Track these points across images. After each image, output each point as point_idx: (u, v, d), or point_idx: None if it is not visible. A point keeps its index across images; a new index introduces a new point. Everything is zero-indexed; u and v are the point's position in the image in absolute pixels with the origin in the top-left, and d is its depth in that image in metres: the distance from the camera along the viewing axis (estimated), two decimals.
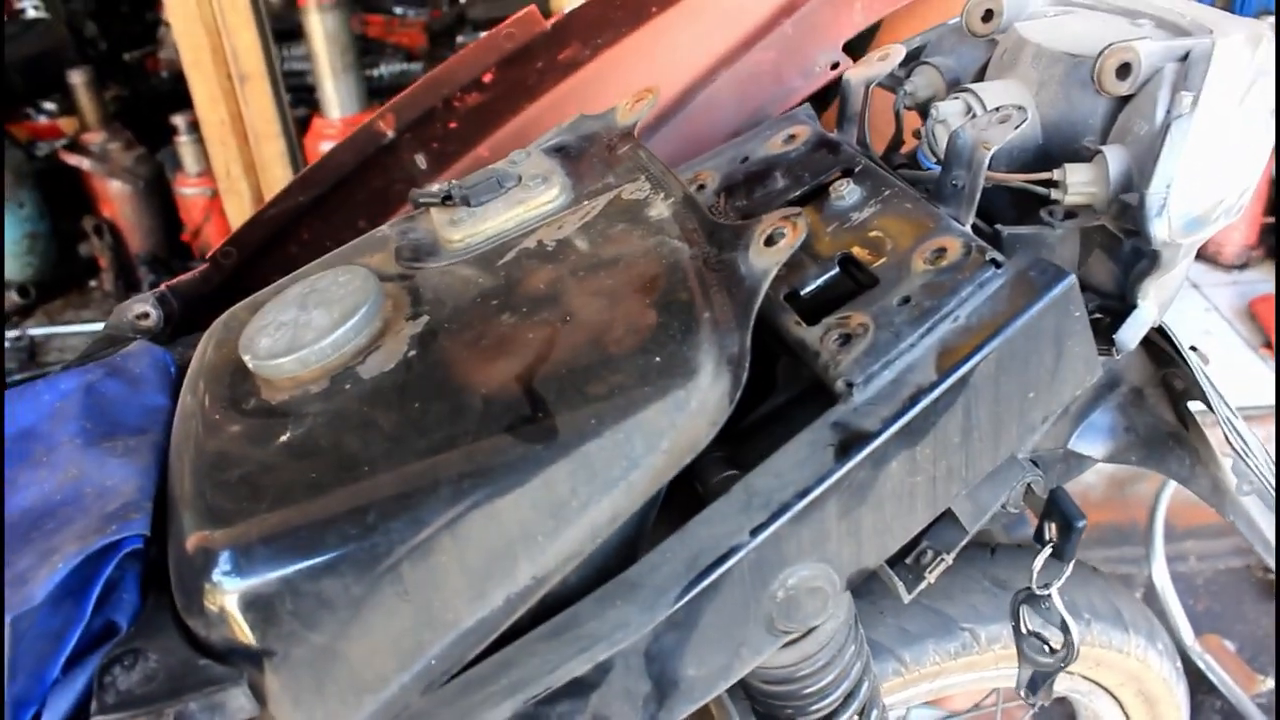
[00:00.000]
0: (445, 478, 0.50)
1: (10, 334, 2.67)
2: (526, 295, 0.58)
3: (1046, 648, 0.67)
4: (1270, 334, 2.29)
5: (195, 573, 0.52)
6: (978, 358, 0.53)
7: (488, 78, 0.83)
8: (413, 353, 0.57)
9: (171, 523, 0.56)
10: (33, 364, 2.59)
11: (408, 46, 3.50)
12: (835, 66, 0.85)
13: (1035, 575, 0.64)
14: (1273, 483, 0.65)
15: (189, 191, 2.70)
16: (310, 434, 0.55)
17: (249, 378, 0.60)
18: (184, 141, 2.62)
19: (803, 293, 0.62)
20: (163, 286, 0.80)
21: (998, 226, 0.64)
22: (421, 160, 0.85)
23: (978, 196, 0.60)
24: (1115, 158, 0.59)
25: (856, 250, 0.62)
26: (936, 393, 0.53)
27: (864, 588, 0.90)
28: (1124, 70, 0.59)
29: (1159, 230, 0.56)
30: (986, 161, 0.59)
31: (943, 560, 0.60)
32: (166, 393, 0.69)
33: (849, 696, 0.68)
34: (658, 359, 0.51)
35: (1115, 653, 0.99)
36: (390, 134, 0.81)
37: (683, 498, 0.58)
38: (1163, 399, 0.69)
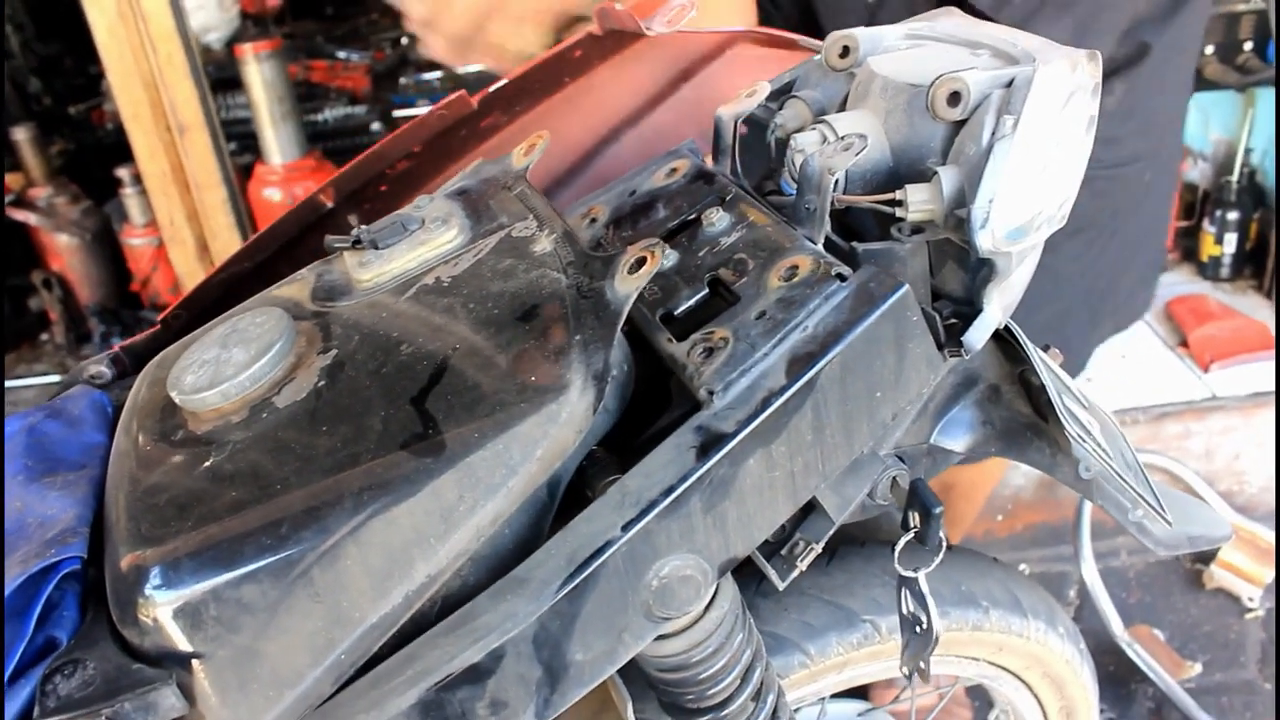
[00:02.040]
0: (348, 491, 0.56)
1: None
2: (423, 327, 0.65)
3: (917, 628, 0.73)
4: (1186, 333, 2.40)
5: (129, 588, 0.57)
6: (822, 362, 0.60)
7: (417, 148, 0.91)
8: (322, 383, 0.64)
9: (108, 546, 0.62)
10: None
11: (351, 90, 3.56)
12: None
13: (898, 558, 0.71)
14: (1111, 463, 0.72)
15: (136, 242, 2.74)
16: (231, 459, 0.61)
17: (177, 412, 0.66)
18: (129, 193, 2.65)
19: (676, 313, 0.69)
20: (115, 348, 0.86)
21: (853, 244, 0.71)
22: (354, 220, 0.91)
23: (827, 217, 0.67)
24: (948, 177, 0.66)
25: (723, 271, 0.69)
26: (786, 395, 0.59)
27: (769, 587, 0.97)
28: (954, 98, 0.67)
29: (984, 241, 0.63)
30: (832, 185, 0.66)
31: (812, 549, 0.67)
32: (104, 430, 0.75)
33: (743, 681, 0.74)
34: (533, 378, 0.57)
35: (1015, 637, 1.05)
36: (330, 205, 0.88)
37: (581, 510, 0.64)
38: (1019, 394, 0.77)
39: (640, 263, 0.61)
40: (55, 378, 2.74)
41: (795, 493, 0.63)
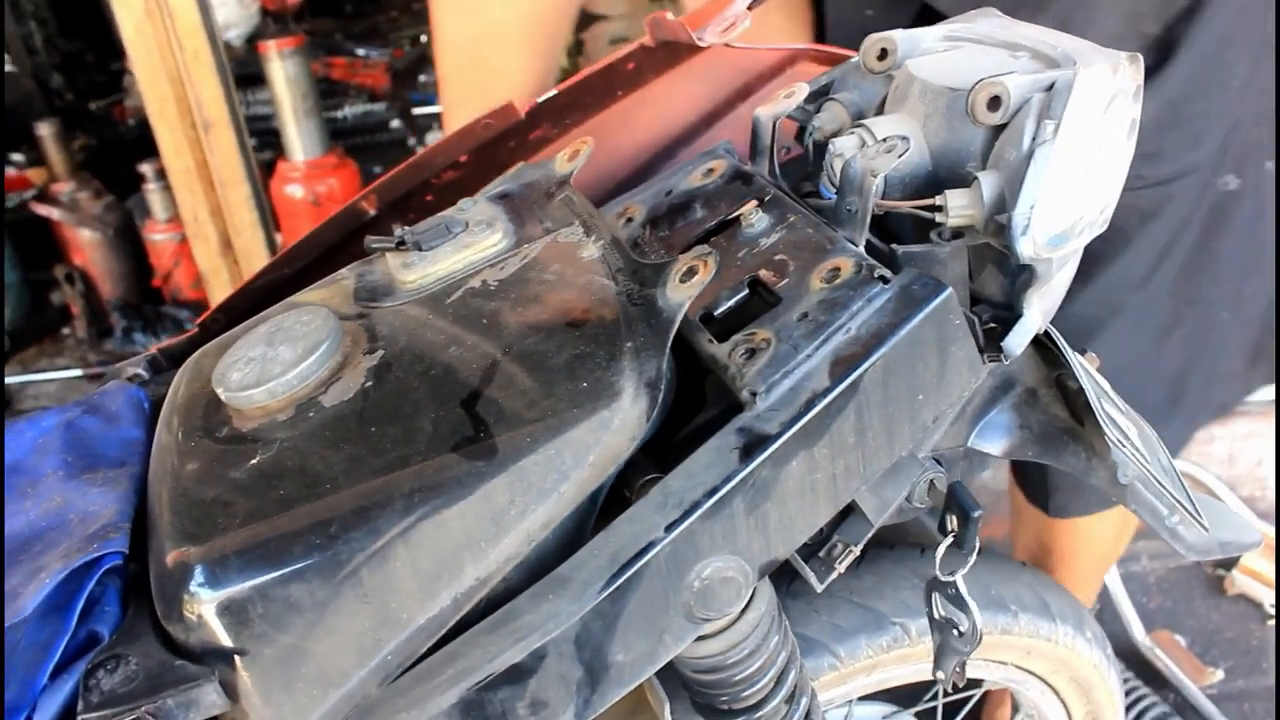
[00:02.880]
0: (399, 492, 0.56)
1: None
2: (471, 329, 0.65)
3: (956, 632, 0.73)
4: None
5: (175, 584, 0.57)
6: (866, 364, 0.60)
7: (464, 158, 0.91)
8: (369, 383, 0.64)
9: (152, 541, 0.62)
10: (8, 412, 2.62)
11: (371, 87, 3.57)
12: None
13: (938, 563, 0.71)
14: (1149, 467, 0.72)
15: (158, 237, 2.76)
16: (278, 457, 0.61)
17: (221, 409, 0.66)
18: (152, 189, 2.67)
19: (716, 313, 0.69)
20: (153, 349, 0.86)
21: (893, 246, 0.71)
22: (398, 228, 0.91)
23: (869, 219, 0.67)
24: (989, 182, 0.66)
25: (763, 273, 0.69)
26: (830, 397, 0.59)
27: (798, 588, 0.97)
28: (994, 103, 0.67)
29: (1025, 248, 0.63)
30: (874, 187, 0.66)
31: (851, 551, 0.67)
32: (142, 427, 0.75)
33: (777, 683, 0.74)
34: (585, 384, 0.58)
35: (1044, 641, 1.05)
36: (372, 213, 0.88)
37: (618, 510, 0.64)
38: (1056, 398, 0.76)
39: (692, 272, 0.61)
40: (77, 372, 2.77)
41: (836, 495, 0.63)
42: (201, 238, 2.15)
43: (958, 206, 0.67)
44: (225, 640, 0.56)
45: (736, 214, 0.76)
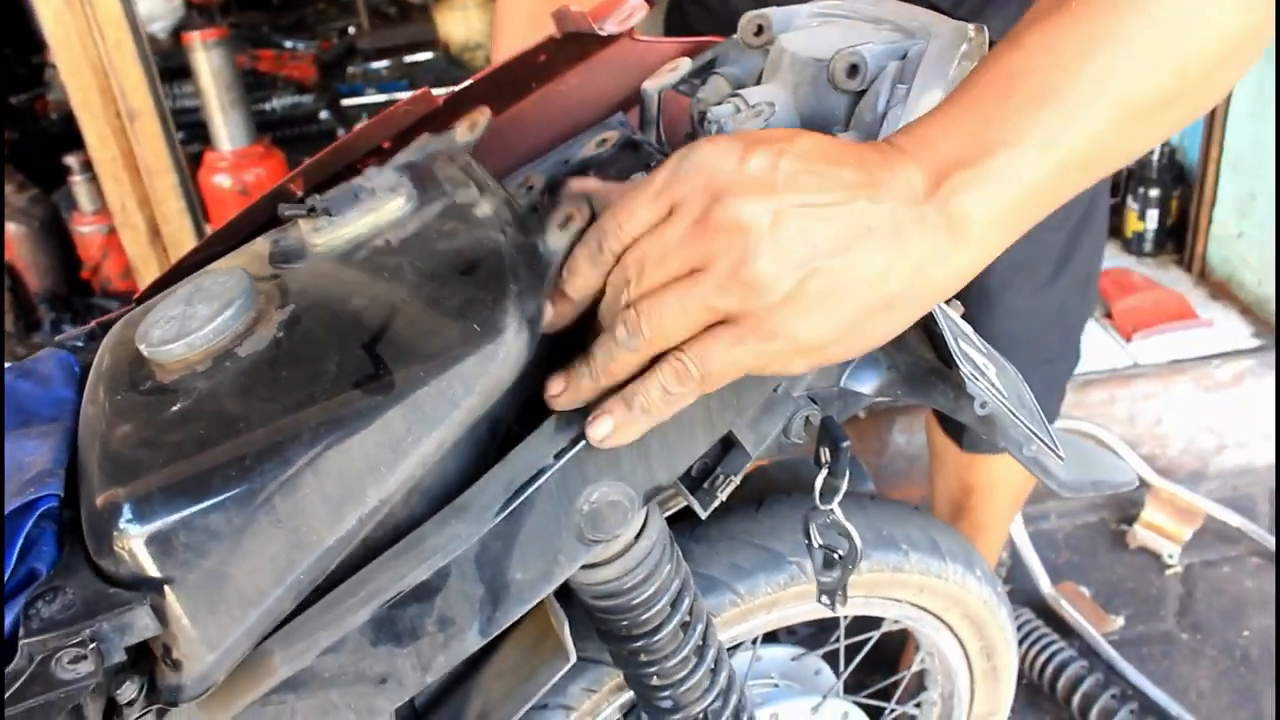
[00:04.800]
0: (306, 427, 0.62)
1: None
2: (374, 281, 0.71)
3: (836, 555, 0.80)
4: (1110, 304, 2.51)
5: (105, 523, 0.62)
6: None
7: (386, 144, 0.95)
8: (280, 334, 0.69)
9: (83, 488, 0.67)
10: None
11: (299, 79, 3.58)
12: None
13: (817, 493, 0.78)
14: (1005, 402, 0.80)
15: (86, 229, 2.75)
16: (196, 404, 0.66)
17: (144, 364, 0.71)
18: (78, 181, 2.66)
19: None
20: (93, 323, 0.90)
21: None
22: (311, 200, 0.96)
23: None
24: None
25: None
26: None
27: (701, 533, 1.04)
28: (853, 71, 0.74)
29: None
30: None
31: (731, 481, 0.74)
32: (72, 387, 0.79)
33: (673, 608, 0.81)
34: (474, 324, 0.64)
35: (935, 579, 1.13)
36: (299, 194, 0.93)
37: None
38: (923, 341, 0.84)
39: (569, 219, 0.67)
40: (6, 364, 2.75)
41: (713, 426, 0.70)
42: (130, 227, 2.16)
43: None
44: (153, 570, 0.61)
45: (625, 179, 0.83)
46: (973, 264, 0.63)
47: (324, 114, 3.52)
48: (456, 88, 0.97)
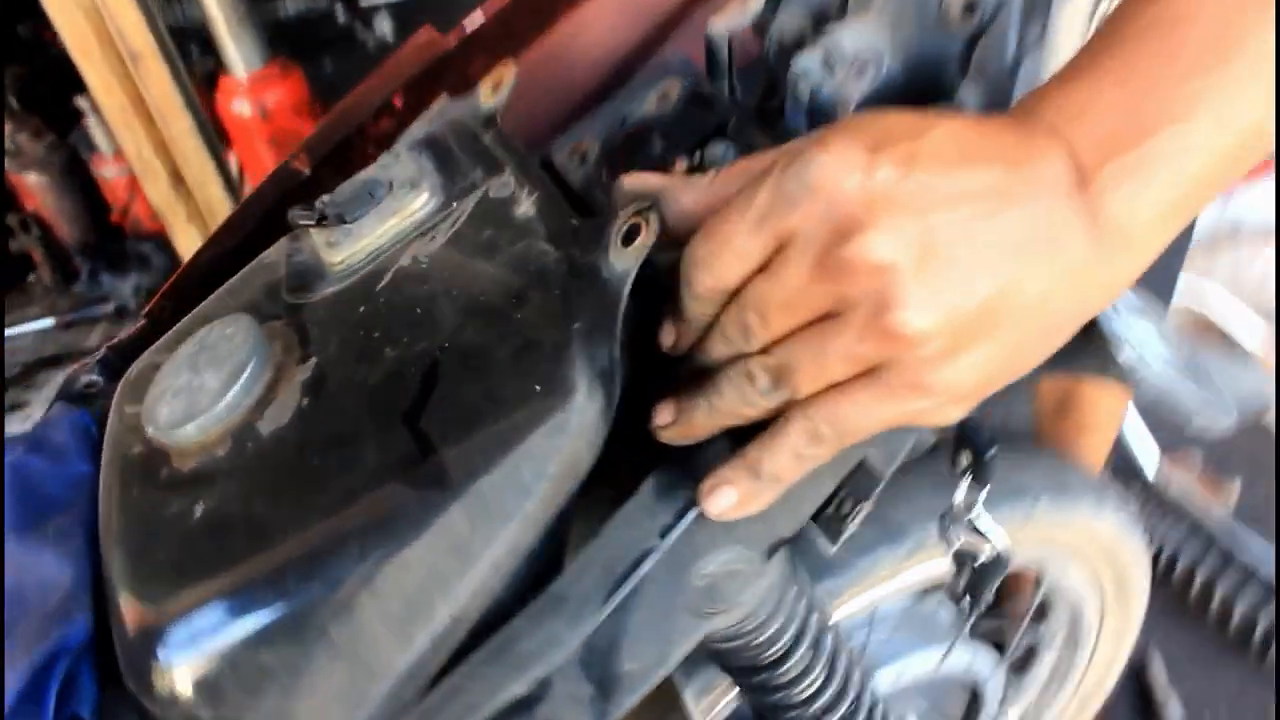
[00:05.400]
0: (352, 534, 0.51)
1: None
2: (405, 323, 0.59)
3: (976, 562, 0.69)
4: None
5: (140, 657, 0.53)
6: None
7: (397, 101, 0.81)
8: (305, 401, 0.58)
9: (111, 604, 0.57)
10: None
11: None
12: None
13: (955, 499, 0.66)
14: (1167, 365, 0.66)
15: (108, 172, 2.63)
16: (224, 503, 0.56)
17: (158, 448, 0.61)
18: (93, 123, 2.53)
19: None
20: (104, 349, 0.80)
21: None
22: (321, 201, 0.84)
23: None
24: (970, 95, 0.58)
25: None
26: None
27: None
28: (969, 9, 0.58)
29: None
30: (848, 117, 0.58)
31: (862, 508, 0.62)
32: (87, 458, 0.70)
33: (797, 638, 0.71)
34: (534, 381, 0.52)
35: (1064, 522, 1.03)
36: (306, 172, 0.80)
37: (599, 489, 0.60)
38: None
39: (633, 231, 0.54)
40: (49, 321, 2.69)
41: (837, 466, 0.58)
42: (150, 175, 2.04)
43: None
44: (204, 713, 0.52)
45: (699, 147, 0.69)
46: (1133, 270, 0.49)
47: (341, 15, 3.30)
48: (466, 29, 0.82)
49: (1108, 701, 1.36)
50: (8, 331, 2.70)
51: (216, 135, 2.12)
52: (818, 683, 0.77)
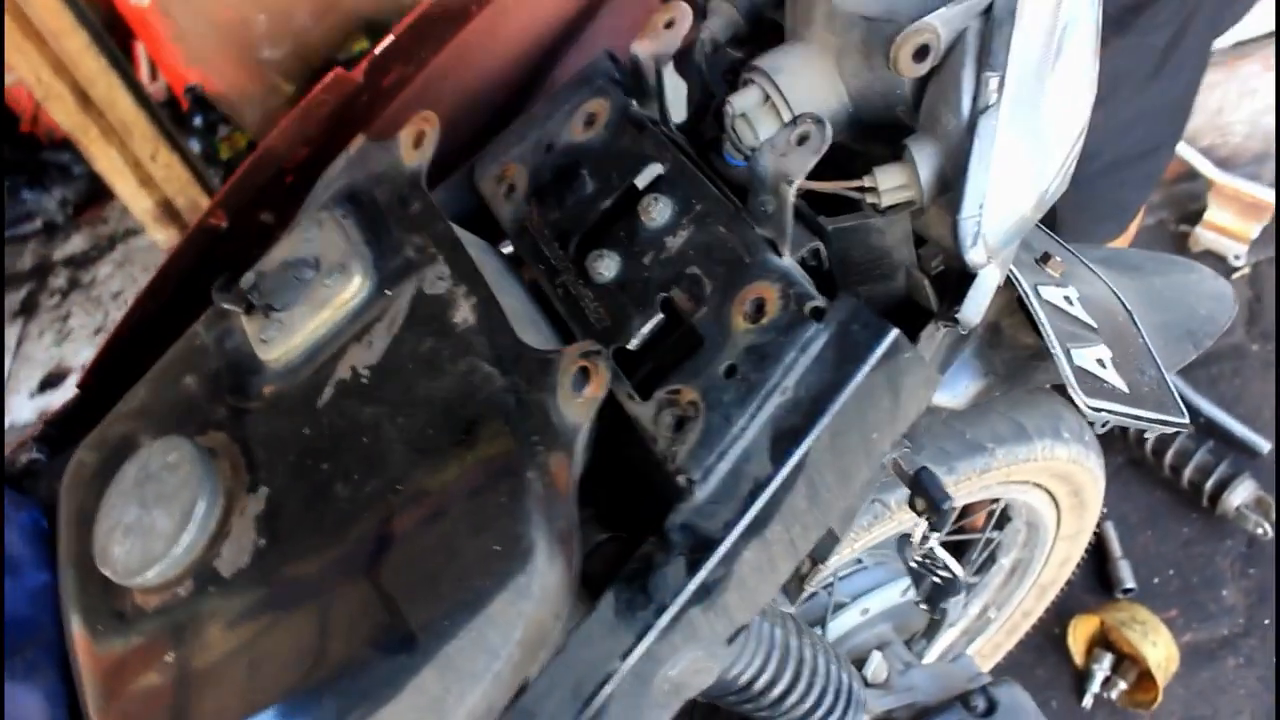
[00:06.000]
0: (326, 696, 0.52)
1: None
2: (353, 456, 0.57)
3: (935, 579, 0.71)
4: None
5: None
6: (809, 439, 0.53)
7: (313, 134, 0.76)
8: (262, 541, 0.57)
9: None
10: None
11: None
12: None
13: (914, 539, 0.67)
14: (1121, 404, 0.66)
15: (8, 79, 2.46)
16: (192, 653, 0.56)
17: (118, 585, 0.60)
18: None
19: (630, 346, 0.60)
20: (41, 425, 0.78)
21: (822, 220, 0.61)
22: (269, 217, 0.79)
23: (790, 229, 0.57)
24: (925, 158, 0.54)
25: (676, 294, 0.60)
26: (775, 484, 0.53)
27: None
28: (921, 53, 0.54)
29: (976, 257, 0.53)
30: (792, 196, 0.55)
31: (819, 569, 0.63)
32: (44, 563, 0.69)
33: (796, 676, 0.73)
34: (492, 540, 0.51)
35: (1022, 463, 1.04)
36: (224, 225, 0.75)
37: None
38: (1021, 323, 0.69)
39: (584, 375, 0.52)
40: None
41: (796, 554, 0.58)
42: (54, 98, 1.90)
43: (891, 187, 0.56)
44: None
45: (630, 186, 0.65)
46: None
47: None
48: (377, 49, 0.76)
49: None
50: None
51: (118, 47, 1.97)
52: (785, 686, 0.80)
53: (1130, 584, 1.60)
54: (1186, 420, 0.71)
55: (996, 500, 1.23)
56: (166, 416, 0.66)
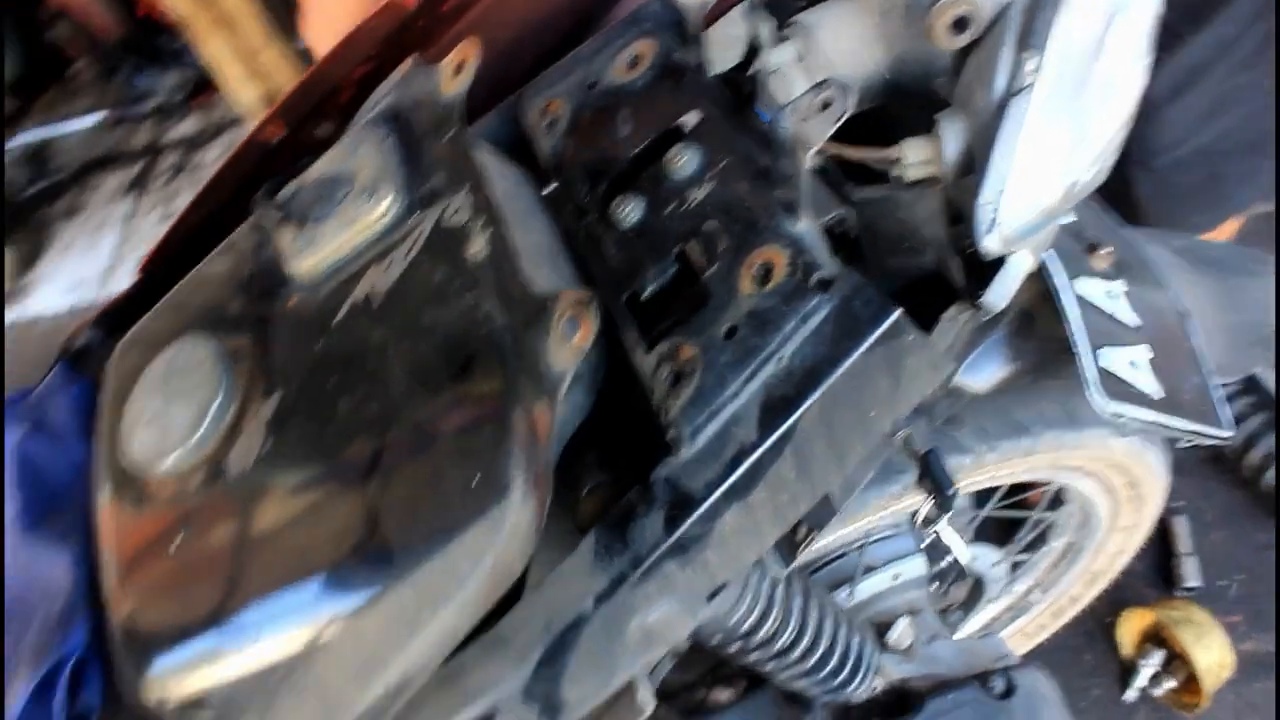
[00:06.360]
0: (309, 598, 0.55)
1: (11, 144, 2.68)
2: (358, 376, 0.59)
3: (940, 562, 0.70)
4: None
5: (128, 672, 0.59)
6: (798, 411, 0.52)
7: (373, 52, 0.77)
8: (268, 445, 0.59)
9: (106, 623, 0.62)
10: (43, 175, 2.61)
11: None
12: None
13: (920, 517, 0.66)
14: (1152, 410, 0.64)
15: None
16: (197, 536, 0.60)
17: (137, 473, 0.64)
18: None
19: (643, 296, 0.60)
20: (98, 312, 0.82)
21: (849, 189, 0.59)
22: (328, 129, 0.81)
23: (806, 194, 0.55)
24: (951, 135, 0.52)
25: (692, 249, 0.59)
26: (759, 452, 0.53)
27: None
28: (960, 24, 0.51)
29: (990, 244, 0.51)
30: (808, 162, 0.54)
31: (814, 537, 0.63)
32: (86, 437, 0.73)
33: (799, 633, 0.73)
34: (473, 476, 0.52)
35: (1070, 449, 1.01)
36: (281, 135, 0.78)
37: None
38: (1054, 313, 0.66)
39: (573, 324, 0.52)
40: (97, 116, 2.69)
41: (783, 521, 0.58)
42: None
43: (916, 162, 0.54)
44: None
45: (666, 130, 0.64)
46: None
47: None
48: None
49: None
50: (60, 130, 2.71)
51: None
52: (786, 641, 0.80)
53: (1194, 582, 1.55)
54: (1227, 433, 0.68)
55: (1049, 482, 1.20)
56: (201, 315, 0.69)
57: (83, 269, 2.31)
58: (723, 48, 0.64)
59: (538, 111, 0.74)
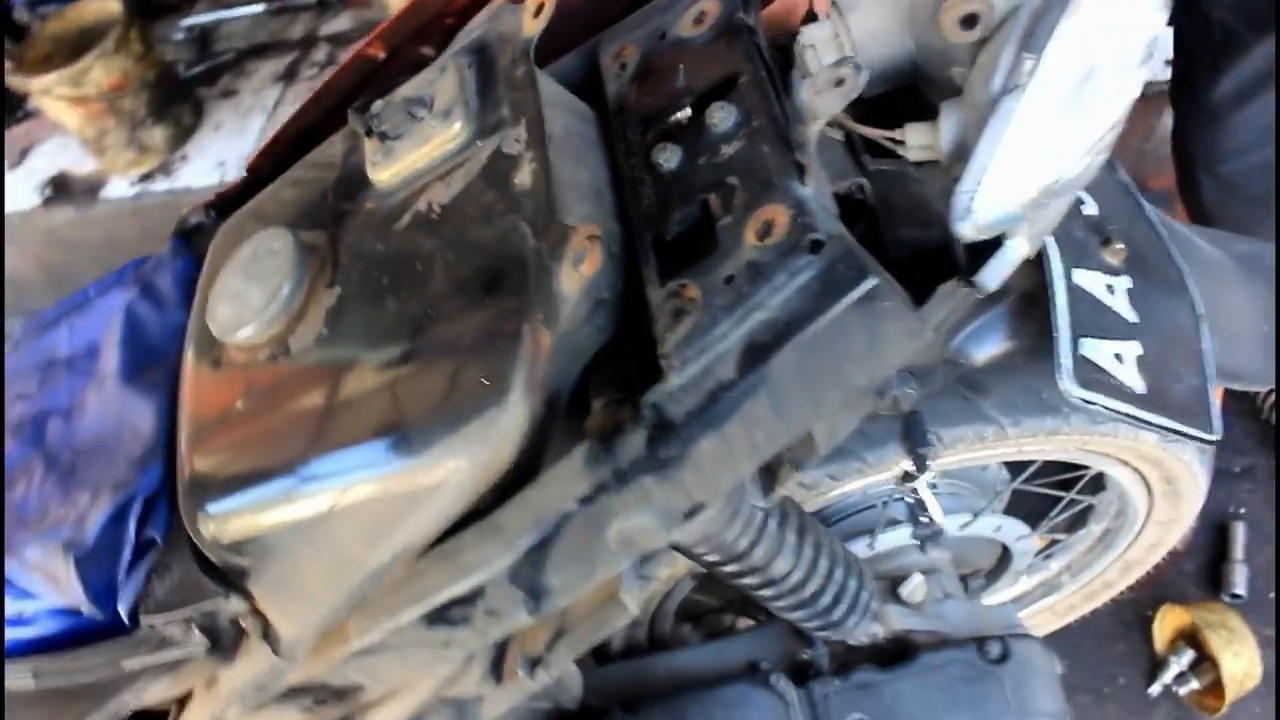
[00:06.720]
0: (339, 467, 0.64)
1: (182, 24, 2.86)
2: (408, 278, 0.67)
3: (921, 519, 0.75)
4: None
5: (192, 508, 0.70)
6: (776, 357, 0.58)
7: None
8: (325, 332, 0.69)
9: (177, 464, 0.74)
10: (207, 56, 2.78)
11: None
12: None
13: (901, 477, 0.71)
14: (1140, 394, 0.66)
15: None
16: (260, 403, 0.70)
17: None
18: None
19: (668, 237, 0.66)
20: (213, 196, 0.92)
21: (866, 160, 0.64)
22: (430, 51, 0.88)
23: (813, 161, 0.60)
24: (950, 124, 0.56)
25: (713, 199, 0.65)
26: (735, 390, 0.59)
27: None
28: (970, 21, 0.55)
29: (964, 230, 0.55)
30: (815, 131, 0.58)
31: (792, 474, 0.69)
32: (184, 306, 0.84)
33: (792, 565, 0.79)
34: (483, 376, 0.60)
35: (1099, 436, 1.03)
36: (381, 55, 0.86)
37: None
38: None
39: (581, 256, 0.59)
40: (260, 6, 2.83)
41: (758, 453, 0.64)
42: None
43: (918, 144, 0.59)
44: (235, 561, 0.69)
45: (714, 89, 0.70)
46: None
47: None
48: None
49: (1178, 553, 1.37)
50: (226, 14, 2.87)
51: None
52: (779, 571, 0.87)
53: (1240, 590, 1.53)
54: (1212, 436, 0.70)
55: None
56: (289, 209, 0.79)
57: (229, 150, 2.48)
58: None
59: (611, 55, 0.80)
